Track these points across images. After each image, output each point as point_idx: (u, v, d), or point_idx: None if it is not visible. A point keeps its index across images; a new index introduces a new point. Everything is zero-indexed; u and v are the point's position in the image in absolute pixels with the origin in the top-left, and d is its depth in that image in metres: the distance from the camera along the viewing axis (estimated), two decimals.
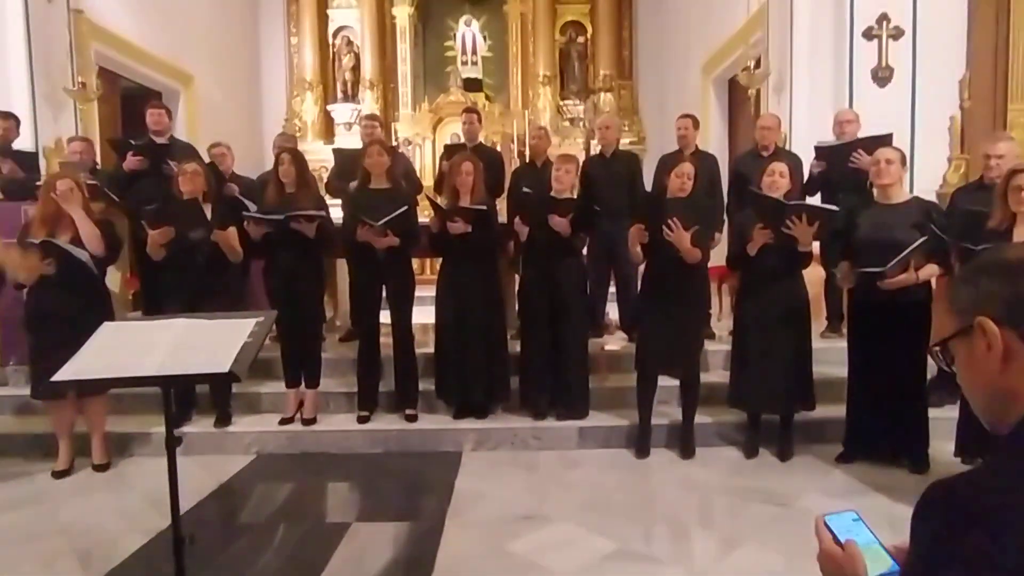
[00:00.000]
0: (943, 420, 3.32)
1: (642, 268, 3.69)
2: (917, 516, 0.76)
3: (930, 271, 3.13)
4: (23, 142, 4.68)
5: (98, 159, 4.86)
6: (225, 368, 1.98)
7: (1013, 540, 0.66)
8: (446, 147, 5.42)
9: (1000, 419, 0.80)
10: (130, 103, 6.50)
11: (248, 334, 2.11)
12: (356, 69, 9.49)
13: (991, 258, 0.85)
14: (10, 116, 4.52)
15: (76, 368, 2.06)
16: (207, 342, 2.09)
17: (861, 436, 3.36)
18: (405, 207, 3.66)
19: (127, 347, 2.13)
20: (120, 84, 6.61)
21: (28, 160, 4.49)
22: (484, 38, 9.62)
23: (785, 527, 2.79)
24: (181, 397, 3.79)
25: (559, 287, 3.69)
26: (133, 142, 4.54)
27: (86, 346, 2.11)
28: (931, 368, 3.44)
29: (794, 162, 3.84)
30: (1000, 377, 0.79)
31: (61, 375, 2.04)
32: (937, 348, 0.86)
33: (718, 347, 4.26)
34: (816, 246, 3.35)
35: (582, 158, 5.04)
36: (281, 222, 3.59)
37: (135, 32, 6.47)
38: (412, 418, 3.85)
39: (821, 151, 4.15)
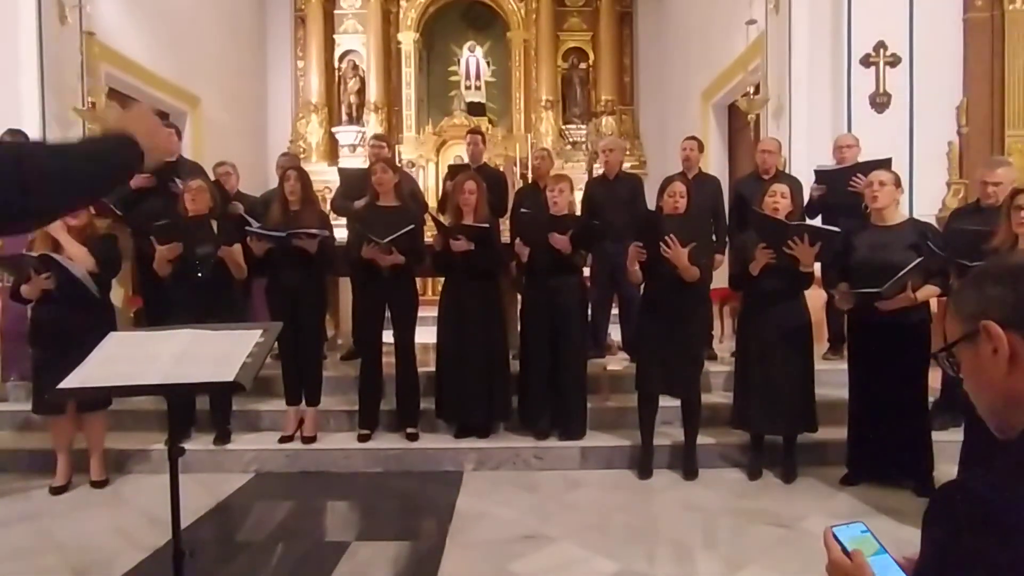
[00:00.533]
0: (948, 444, 3.30)
1: (642, 288, 3.71)
2: (929, 519, 0.76)
3: (928, 292, 3.14)
4: None
5: None
6: (230, 378, 1.98)
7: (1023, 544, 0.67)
8: (450, 167, 5.49)
9: (1008, 423, 0.81)
10: None
11: (253, 344, 2.12)
12: (361, 92, 9.65)
13: (996, 264, 0.87)
14: (18, 133, 4.56)
15: (82, 376, 2.06)
16: (212, 352, 2.10)
17: (864, 458, 3.34)
18: (412, 226, 3.68)
19: (132, 357, 2.13)
20: (128, 105, 6.71)
21: None
22: (488, 64, 9.82)
23: (790, 549, 2.76)
24: (180, 414, 3.77)
25: (559, 308, 3.71)
26: None
27: (92, 355, 2.12)
28: (933, 391, 3.44)
29: (795, 185, 3.88)
30: (1007, 381, 0.79)
31: (67, 383, 2.04)
32: (943, 354, 0.87)
33: (720, 368, 4.26)
34: (817, 268, 3.37)
35: (585, 180, 5.09)
36: (283, 239, 3.62)
37: (145, 55, 6.59)
38: (413, 437, 3.83)
39: (821, 175, 4.19)
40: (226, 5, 8.37)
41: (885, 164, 3.69)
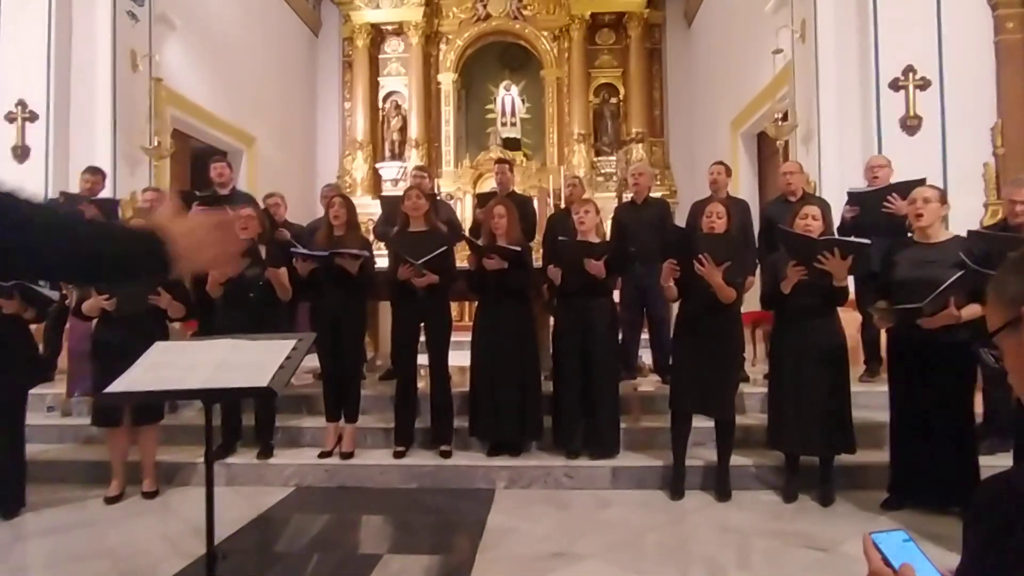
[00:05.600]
0: (996, 469, 3.15)
1: (676, 308, 3.73)
2: (972, 517, 0.74)
3: (974, 310, 2.96)
4: (103, 193, 5.14)
5: None
6: (264, 383, 2.09)
7: None
8: (480, 196, 5.66)
9: None
10: (198, 161, 7.06)
11: (287, 354, 2.24)
12: (403, 130, 10.12)
13: None
14: (98, 171, 5.06)
15: (128, 381, 2.21)
16: (249, 360, 2.21)
17: (908, 482, 3.22)
18: (444, 248, 3.83)
19: (175, 364, 2.27)
20: (190, 144, 7.21)
21: (109, 207, 4.92)
22: (522, 101, 10.17)
23: (827, 573, 2.67)
24: (227, 429, 3.94)
25: (591, 330, 3.74)
26: (198, 193, 4.93)
27: (137, 363, 2.27)
28: (976, 415, 3.30)
29: (824, 206, 3.86)
30: None
31: (115, 387, 2.20)
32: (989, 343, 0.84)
33: (754, 389, 4.21)
34: (851, 288, 3.31)
35: (614, 206, 5.17)
36: (326, 258, 3.79)
37: (207, 98, 7.11)
38: (447, 455, 3.89)
39: (853, 197, 4.16)
40: (280, 52, 8.97)
41: (919, 184, 3.65)
